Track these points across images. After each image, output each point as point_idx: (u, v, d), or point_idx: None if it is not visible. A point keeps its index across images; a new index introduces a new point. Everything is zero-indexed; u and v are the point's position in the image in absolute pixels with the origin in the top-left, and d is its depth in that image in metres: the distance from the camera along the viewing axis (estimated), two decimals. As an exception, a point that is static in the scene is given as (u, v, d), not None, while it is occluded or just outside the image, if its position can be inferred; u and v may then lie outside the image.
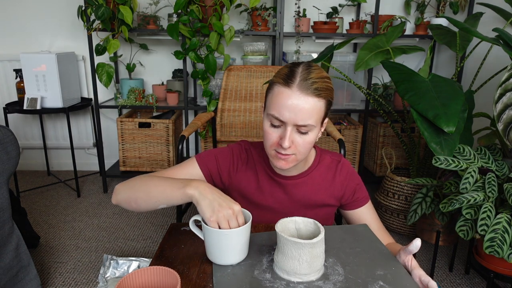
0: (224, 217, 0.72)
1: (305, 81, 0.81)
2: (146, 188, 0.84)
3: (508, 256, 1.33)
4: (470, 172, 1.44)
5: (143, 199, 0.83)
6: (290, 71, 0.84)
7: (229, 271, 0.73)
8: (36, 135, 2.84)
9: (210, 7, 2.20)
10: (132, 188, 0.86)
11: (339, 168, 1.01)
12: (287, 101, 0.81)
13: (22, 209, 1.88)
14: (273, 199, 1.00)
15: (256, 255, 0.78)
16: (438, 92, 1.57)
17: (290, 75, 0.83)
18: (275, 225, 0.73)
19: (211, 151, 1.01)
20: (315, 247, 0.69)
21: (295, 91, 0.81)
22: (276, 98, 0.84)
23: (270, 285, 0.69)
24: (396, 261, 0.76)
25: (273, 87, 0.86)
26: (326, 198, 1.01)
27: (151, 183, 0.84)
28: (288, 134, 0.83)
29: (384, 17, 2.44)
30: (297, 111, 0.81)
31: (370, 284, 0.69)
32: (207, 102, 2.35)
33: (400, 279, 0.70)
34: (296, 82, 0.82)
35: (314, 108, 0.82)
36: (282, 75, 0.84)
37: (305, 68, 0.84)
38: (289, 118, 0.82)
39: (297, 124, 0.82)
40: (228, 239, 0.73)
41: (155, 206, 0.83)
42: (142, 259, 1.59)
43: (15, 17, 2.64)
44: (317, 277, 0.71)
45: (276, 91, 0.84)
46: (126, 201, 0.86)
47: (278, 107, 0.83)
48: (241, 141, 1.05)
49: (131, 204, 0.86)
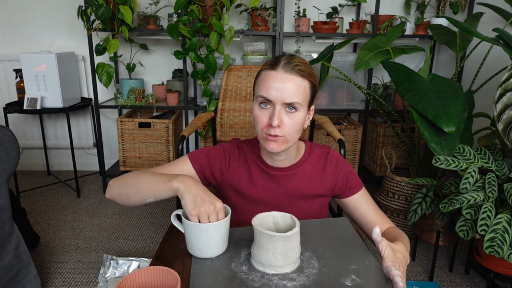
0: (205, 211, 0.75)
1: (289, 63, 0.89)
2: (136, 182, 0.88)
3: (508, 256, 1.33)
4: (470, 172, 1.44)
5: (133, 193, 0.87)
6: (275, 58, 0.92)
7: (208, 263, 0.76)
8: (36, 135, 2.84)
9: (210, 7, 2.20)
10: (124, 183, 0.90)
11: (328, 159, 1.04)
12: (273, 81, 0.88)
13: (22, 209, 1.88)
14: (266, 192, 1.02)
15: (234, 249, 0.81)
16: (438, 92, 1.57)
17: (275, 61, 0.90)
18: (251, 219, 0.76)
19: (203, 149, 1.04)
20: (289, 240, 0.71)
21: (280, 72, 0.88)
22: (263, 81, 0.90)
23: (245, 277, 0.72)
24: (370, 256, 0.79)
25: (260, 74, 0.93)
26: (318, 188, 1.03)
27: (141, 178, 0.88)
28: (276, 113, 0.87)
29: (384, 17, 2.44)
30: (283, 89, 0.87)
31: (343, 278, 0.72)
32: (207, 102, 2.35)
33: (371, 273, 0.73)
34: (280, 64, 0.89)
35: (299, 87, 0.88)
36: (268, 63, 0.92)
37: (288, 56, 0.92)
38: (276, 96, 0.87)
39: (284, 102, 0.87)
40: (207, 233, 0.75)
41: (144, 200, 0.86)
42: (142, 259, 1.59)
43: (15, 17, 2.64)
44: (292, 269, 0.74)
45: (263, 75, 0.91)
46: (118, 195, 0.90)
47: (266, 88, 0.88)
48: (233, 139, 1.07)
49: (123, 199, 0.90)
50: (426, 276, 1.78)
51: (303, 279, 0.71)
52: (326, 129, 1.88)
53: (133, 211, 2.36)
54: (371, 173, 2.70)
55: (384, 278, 0.72)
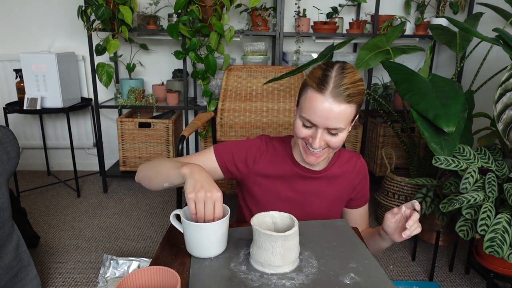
0: (202, 197, 0.76)
1: (338, 87, 0.83)
2: (157, 167, 0.91)
3: (508, 256, 1.33)
4: (470, 172, 1.44)
5: (153, 176, 0.91)
6: (324, 75, 0.85)
7: (207, 263, 0.76)
8: (36, 135, 2.84)
9: (210, 7, 2.20)
10: (149, 167, 0.94)
11: (358, 167, 1.06)
12: (319, 106, 0.84)
13: (22, 209, 1.88)
14: (293, 191, 1.02)
15: (234, 249, 0.81)
16: (438, 92, 1.57)
17: (324, 80, 0.84)
18: (251, 219, 0.76)
19: (229, 143, 1.04)
20: (288, 239, 0.71)
21: (328, 97, 0.83)
22: (308, 102, 0.86)
23: (244, 277, 0.72)
24: (369, 255, 0.79)
25: (306, 89, 0.88)
26: (340, 192, 1.05)
27: (161, 164, 0.91)
28: (318, 136, 0.87)
29: (384, 17, 2.44)
30: (328, 117, 0.84)
31: (342, 276, 0.72)
32: (207, 102, 2.35)
33: (371, 272, 0.73)
34: (329, 88, 0.83)
35: (345, 113, 0.85)
36: (315, 79, 0.86)
37: (339, 72, 0.85)
38: (321, 122, 0.85)
39: (328, 127, 0.86)
40: (206, 233, 0.75)
41: (161, 185, 0.89)
42: (142, 259, 1.59)
43: (15, 17, 2.64)
44: (291, 269, 0.74)
45: (310, 95, 0.86)
46: (143, 178, 0.95)
47: (310, 111, 0.85)
48: (261, 135, 1.08)
49: (145, 182, 0.94)
50: (426, 276, 1.78)
51: (302, 278, 0.71)
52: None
53: (133, 211, 2.36)
54: (371, 173, 2.70)
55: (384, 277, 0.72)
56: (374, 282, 0.70)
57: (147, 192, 2.63)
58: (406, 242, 2.05)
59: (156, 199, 2.54)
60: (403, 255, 1.94)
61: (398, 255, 1.94)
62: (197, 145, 2.88)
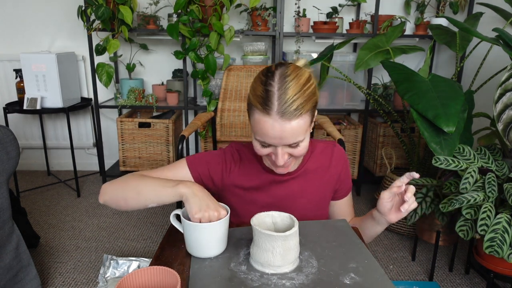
0: (209, 217, 0.76)
1: (283, 104, 0.76)
2: (137, 186, 0.85)
3: (508, 256, 1.33)
4: (470, 172, 1.44)
5: (133, 197, 0.85)
6: (265, 91, 0.78)
7: (207, 263, 0.76)
8: (36, 135, 2.84)
9: (210, 7, 2.20)
10: (122, 187, 0.88)
11: (335, 155, 1.02)
12: (269, 129, 0.78)
13: (22, 209, 1.88)
14: (271, 197, 0.99)
15: (234, 249, 0.81)
16: (438, 92, 1.57)
17: (266, 99, 0.77)
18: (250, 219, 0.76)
19: (202, 155, 1.00)
20: (288, 239, 0.71)
21: (275, 118, 0.77)
22: (258, 125, 0.80)
23: (244, 277, 0.72)
24: (369, 255, 0.79)
25: (252, 110, 0.82)
26: (323, 187, 1.01)
27: (142, 182, 0.86)
28: (279, 153, 0.83)
29: (384, 17, 2.44)
30: (282, 136, 0.79)
31: (342, 276, 0.72)
32: (207, 102, 2.35)
33: (371, 272, 0.73)
34: (274, 107, 0.77)
35: (298, 127, 0.79)
36: (258, 97, 0.79)
37: (281, 85, 0.78)
38: (276, 143, 0.81)
39: (285, 144, 0.82)
40: (206, 233, 0.75)
41: (145, 205, 0.84)
42: (142, 259, 1.59)
43: (15, 17, 2.64)
44: (291, 269, 0.74)
45: (257, 118, 0.80)
46: (115, 200, 0.87)
47: (263, 135, 0.80)
48: (232, 143, 1.03)
49: (120, 203, 0.87)
50: (426, 276, 1.78)
51: (302, 278, 0.71)
52: (326, 129, 1.88)
53: (133, 211, 2.36)
54: (371, 173, 2.70)
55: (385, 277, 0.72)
56: (374, 282, 0.70)
57: (147, 192, 2.63)
58: (406, 242, 2.05)
59: (156, 199, 2.54)
60: (403, 255, 1.94)
61: (398, 255, 1.94)
62: (197, 145, 2.88)
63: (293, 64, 0.84)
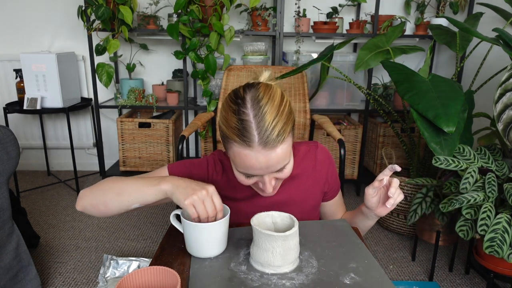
0: (199, 198, 0.72)
1: (264, 133, 0.71)
2: (117, 188, 0.81)
3: (508, 256, 1.33)
4: (470, 172, 1.44)
5: (113, 200, 0.81)
6: (240, 122, 0.72)
7: (207, 263, 0.76)
8: (36, 135, 2.84)
9: (210, 7, 2.20)
10: (100, 191, 0.83)
11: (319, 156, 0.97)
12: (254, 163, 0.74)
13: (22, 209, 1.88)
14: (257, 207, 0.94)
15: (234, 249, 0.81)
16: (438, 92, 1.57)
17: (244, 130, 0.72)
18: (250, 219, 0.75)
19: (184, 162, 0.96)
20: (288, 239, 0.71)
21: (258, 149, 0.72)
22: (239, 159, 0.75)
23: (244, 277, 0.71)
24: (369, 255, 0.78)
25: (230, 143, 0.75)
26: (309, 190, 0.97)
27: (123, 184, 0.82)
28: (267, 181, 0.79)
29: (384, 17, 2.44)
30: (268, 166, 0.75)
31: (342, 276, 0.72)
32: (207, 102, 2.36)
33: (371, 272, 0.73)
34: (255, 139, 0.71)
35: (283, 152, 0.75)
36: (234, 130, 0.73)
37: (256, 112, 0.72)
38: (263, 173, 0.77)
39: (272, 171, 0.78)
40: (206, 233, 0.75)
41: (128, 207, 0.81)
42: (142, 259, 1.59)
43: (15, 17, 2.64)
44: (291, 269, 0.74)
45: (237, 152, 0.74)
46: (93, 204, 0.83)
47: (247, 168, 0.76)
48: (215, 151, 1.00)
49: (99, 208, 0.82)
50: (426, 276, 1.78)
51: (302, 278, 0.71)
52: (326, 129, 1.88)
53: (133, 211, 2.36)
54: (371, 173, 2.70)
55: (385, 277, 0.72)
56: (374, 282, 0.70)
57: (147, 192, 2.63)
58: (406, 242, 2.05)
59: (156, 199, 2.54)
60: (403, 255, 1.94)
61: (398, 255, 1.94)
62: (197, 145, 2.88)
63: (262, 83, 0.78)
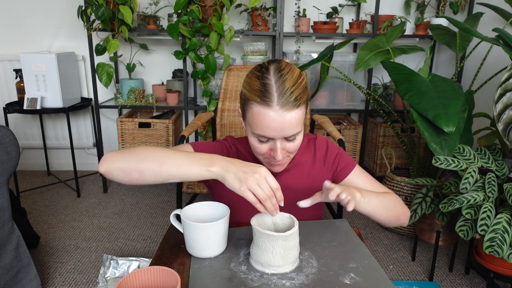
0: (254, 183, 0.72)
1: (283, 95, 0.78)
2: (157, 158, 0.77)
3: (508, 256, 1.33)
4: (470, 172, 1.44)
5: (152, 170, 0.76)
6: (263, 84, 0.80)
7: (207, 263, 0.76)
8: (36, 135, 2.84)
9: (210, 7, 2.20)
10: (136, 157, 0.78)
11: (317, 145, 1.02)
12: (271, 122, 0.79)
13: (22, 209, 1.88)
14: None
15: (234, 249, 0.81)
16: (438, 92, 1.57)
17: (265, 91, 0.79)
18: (250, 219, 0.75)
19: (208, 143, 0.99)
20: (288, 239, 0.71)
21: (276, 109, 0.78)
22: (257, 119, 0.80)
23: (244, 277, 0.72)
24: (368, 255, 0.79)
25: (250, 105, 0.82)
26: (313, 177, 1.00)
27: (162, 154, 0.78)
28: (278, 147, 0.83)
29: (384, 17, 2.44)
30: (283, 128, 0.80)
31: (342, 276, 0.72)
32: (207, 102, 2.36)
33: (371, 272, 0.73)
34: (274, 99, 0.78)
35: (297, 117, 0.81)
36: (256, 91, 0.80)
37: (277, 77, 0.80)
38: (277, 135, 0.81)
39: (285, 137, 0.83)
40: (206, 233, 0.75)
41: (165, 180, 0.77)
42: (142, 259, 1.59)
43: (15, 17, 2.64)
44: (291, 269, 0.74)
45: (256, 111, 0.80)
46: (125, 170, 0.77)
47: (263, 128, 0.81)
48: (227, 136, 1.04)
49: (132, 175, 0.77)
50: (426, 276, 1.78)
51: (302, 278, 0.71)
52: (326, 129, 1.88)
53: (133, 211, 2.36)
54: (371, 173, 2.68)
55: (385, 277, 0.72)
56: (374, 282, 0.70)
57: (147, 192, 2.63)
58: (406, 242, 2.05)
59: (156, 199, 2.54)
60: (403, 255, 1.94)
61: (398, 255, 1.94)
62: (197, 145, 2.88)
63: (284, 60, 0.86)
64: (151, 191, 2.66)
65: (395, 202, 0.95)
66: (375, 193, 0.92)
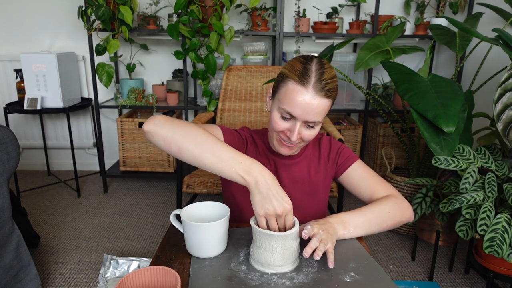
0: (273, 217, 0.74)
1: (319, 82, 0.84)
2: (200, 143, 0.77)
3: (508, 256, 1.33)
4: (470, 172, 1.44)
5: (191, 152, 0.77)
6: (305, 68, 0.86)
7: (207, 263, 0.77)
8: (36, 135, 2.84)
9: (210, 7, 2.20)
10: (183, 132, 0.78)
11: (322, 143, 1.08)
12: (301, 100, 0.84)
13: (22, 209, 1.88)
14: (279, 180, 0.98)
15: (234, 249, 0.82)
16: (438, 92, 1.57)
17: (305, 73, 0.85)
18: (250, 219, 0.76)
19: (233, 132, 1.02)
20: (288, 239, 0.72)
21: (310, 91, 0.84)
22: (290, 95, 0.86)
23: (244, 276, 0.72)
24: (368, 255, 0.80)
25: (286, 81, 0.87)
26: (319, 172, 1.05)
27: (207, 141, 0.77)
28: (297, 129, 0.88)
29: (384, 17, 2.44)
30: (309, 110, 0.85)
31: (342, 275, 0.72)
32: (207, 102, 2.36)
33: (371, 271, 0.74)
34: (311, 82, 0.84)
35: (324, 107, 0.87)
36: (296, 72, 0.86)
37: (318, 67, 0.86)
38: (301, 115, 0.86)
39: (307, 121, 0.87)
40: (206, 233, 0.76)
41: (199, 166, 0.78)
42: (142, 259, 1.59)
43: (15, 17, 2.64)
44: (291, 269, 0.74)
45: (291, 88, 0.86)
46: (167, 139, 0.78)
47: (292, 104, 0.86)
48: (243, 127, 1.08)
49: (171, 147, 0.78)
50: (426, 276, 1.78)
51: (302, 277, 0.71)
52: (326, 129, 1.88)
53: (133, 211, 2.36)
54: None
55: (385, 276, 0.72)
56: (374, 280, 0.70)
57: (147, 192, 2.63)
58: (406, 242, 2.05)
59: (156, 199, 2.54)
60: (403, 255, 1.95)
61: (398, 255, 1.94)
62: (197, 145, 2.88)
63: None
64: (151, 191, 2.66)
65: (389, 211, 0.92)
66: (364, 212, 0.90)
